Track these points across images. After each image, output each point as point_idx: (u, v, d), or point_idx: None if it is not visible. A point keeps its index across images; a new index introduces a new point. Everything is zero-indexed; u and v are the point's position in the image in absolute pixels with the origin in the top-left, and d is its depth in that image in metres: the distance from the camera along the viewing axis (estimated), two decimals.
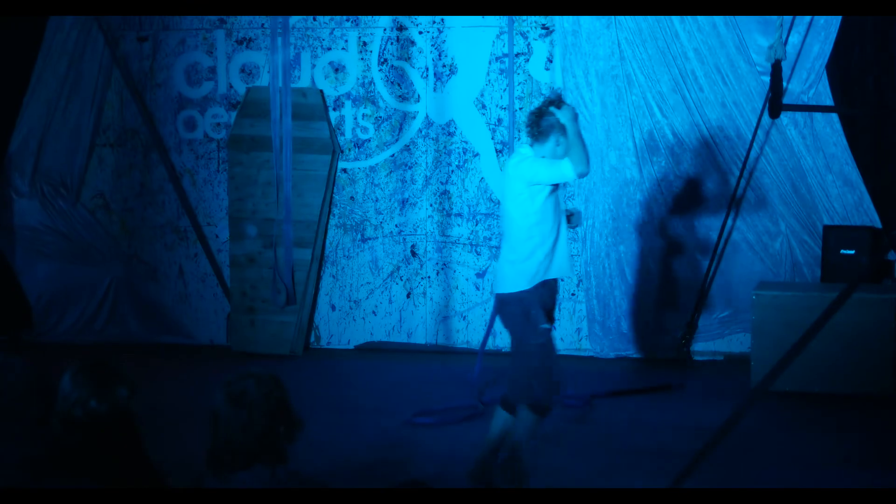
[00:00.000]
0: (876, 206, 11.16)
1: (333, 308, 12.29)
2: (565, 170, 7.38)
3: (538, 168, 7.45)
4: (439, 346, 12.10)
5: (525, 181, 7.46)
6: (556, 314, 9.61)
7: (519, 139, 11.66)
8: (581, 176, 7.47)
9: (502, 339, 11.82)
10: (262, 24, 12.09)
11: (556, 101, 7.58)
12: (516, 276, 7.60)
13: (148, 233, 12.60)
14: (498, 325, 9.50)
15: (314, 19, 12.14)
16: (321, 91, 12.19)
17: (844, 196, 11.27)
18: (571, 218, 7.97)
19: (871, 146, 11.25)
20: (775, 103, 9.24)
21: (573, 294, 11.85)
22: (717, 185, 11.47)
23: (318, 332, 12.32)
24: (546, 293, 7.74)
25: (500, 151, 11.87)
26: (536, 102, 11.63)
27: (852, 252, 10.81)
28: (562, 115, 7.49)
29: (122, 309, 12.63)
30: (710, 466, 7.15)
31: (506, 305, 7.71)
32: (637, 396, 10.33)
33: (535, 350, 7.64)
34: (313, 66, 12.23)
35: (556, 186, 7.57)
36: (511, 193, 7.57)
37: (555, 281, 7.80)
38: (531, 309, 7.61)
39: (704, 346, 11.63)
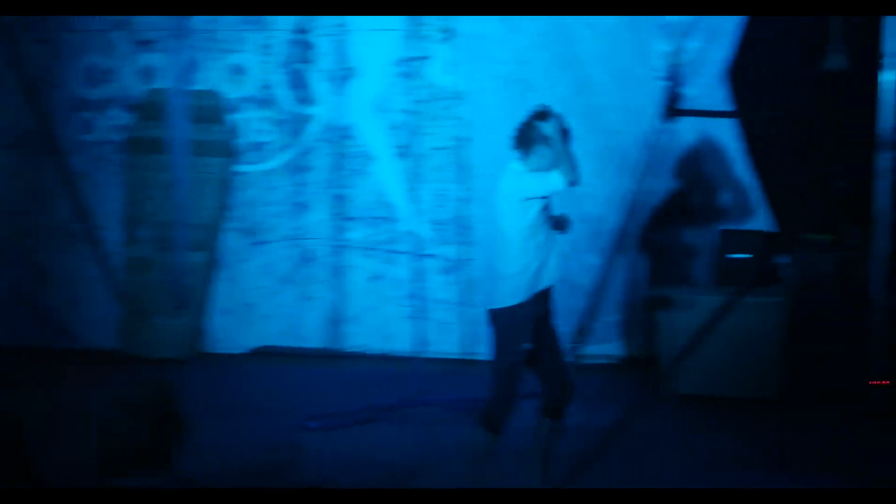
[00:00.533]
0: (771, 211, 11.25)
1: (226, 312, 12.14)
2: (555, 180, 7.51)
3: (528, 182, 7.54)
4: (333, 349, 11.99)
5: (517, 197, 7.52)
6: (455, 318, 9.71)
7: (419, 143, 11.68)
8: (572, 185, 7.55)
9: (400, 343, 11.80)
10: (163, 27, 11.93)
11: (542, 113, 7.62)
12: (512, 291, 7.62)
13: (42, 236, 12.37)
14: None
15: (215, 21, 11.99)
16: (221, 94, 12.04)
17: (740, 200, 11.35)
18: (560, 223, 7.96)
19: (765, 151, 11.33)
20: (672, 109, 9.29)
21: (470, 298, 11.80)
22: (615, 189, 11.49)
23: (211, 336, 12.16)
24: (540, 303, 7.81)
25: (400, 155, 11.81)
26: (437, 106, 11.66)
27: (748, 255, 10.89)
28: (546, 128, 7.55)
29: (14, 313, 12.40)
30: (606, 468, 7.16)
31: (498, 319, 7.67)
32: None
33: (507, 368, 7.70)
34: (213, 68, 12.07)
35: (545, 198, 7.66)
36: (503, 209, 7.59)
37: (547, 289, 7.87)
38: (521, 325, 7.66)
39: (598, 348, 11.64)
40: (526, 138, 7.61)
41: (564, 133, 7.60)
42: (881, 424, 9.47)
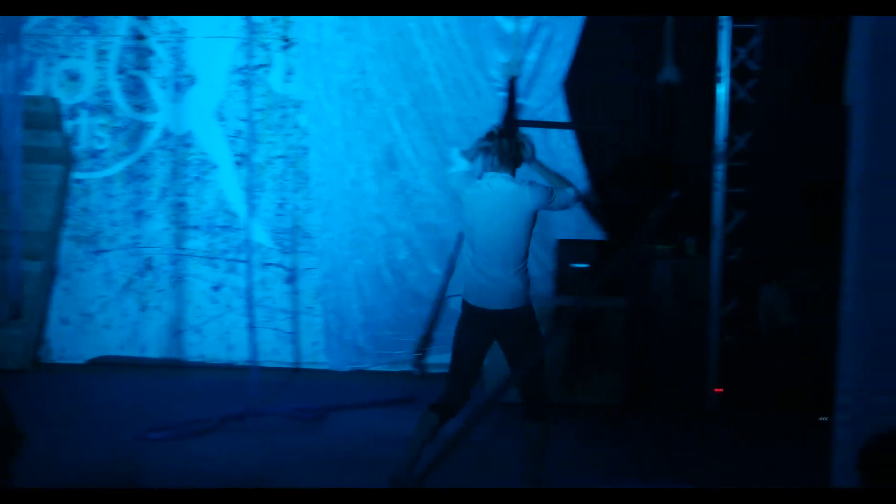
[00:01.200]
0: (608, 220, 11.42)
1: (65, 321, 11.94)
2: (570, 195, 8.17)
3: (551, 197, 8.10)
4: (173, 359, 11.86)
5: (536, 206, 8.03)
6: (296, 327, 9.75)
7: (258, 151, 11.62)
8: (578, 199, 8.36)
9: (241, 353, 11.71)
10: None
11: (521, 142, 8.22)
12: (527, 290, 8.13)
13: None
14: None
15: (50, 26, 11.81)
16: (56, 100, 11.86)
17: (578, 210, 11.51)
18: None
19: (602, 162, 11.50)
20: (510, 119, 9.39)
21: (310, 307, 11.80)
22: (453, 199, 11.55)
23: (50, 346, 11.94)
24: None
25: (239, 164, 11.74)
26: (276, 114, 11.62)
27: (585, 265, 11.04)
28: (526, 153, 8.18)
29: None
30: (446, 476, 7.21)
31: (522, 319, 8.06)
32: (372, 409, 10.35)
33: (541, 361, 8.16)
34: (48, 73, 11.88)
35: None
36: (514, 217, 8.00)
37: None
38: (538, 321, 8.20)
39: (440, 358, 11.66)
40: (512, 158, 8.12)
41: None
42: (716, 428, 9.68)
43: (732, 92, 10.52)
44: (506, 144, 8.13)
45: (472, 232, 8.15)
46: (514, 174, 8.15)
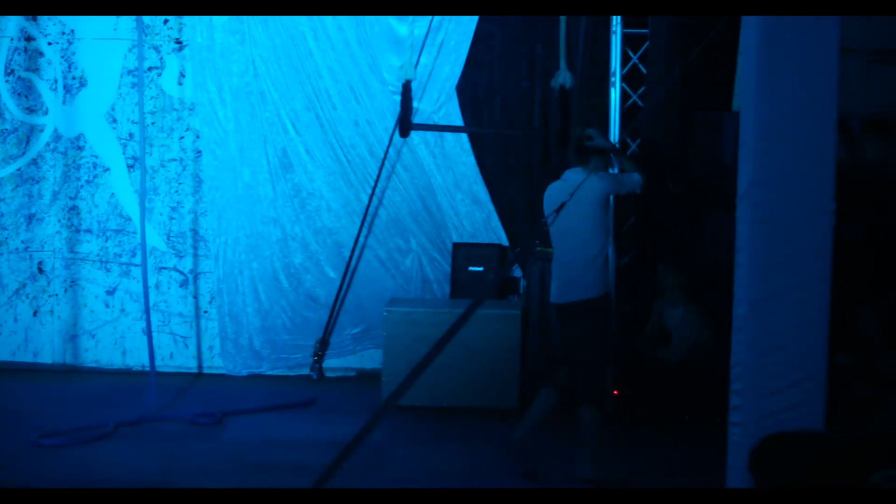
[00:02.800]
0: (502, 224, 11.52)
1: None
2: (636, 180, 8.58)
3: (619, 179, 8.66)
4: (67, 365, 11.76)
5: (604, 194, 8.46)
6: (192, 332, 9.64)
7: (151, 154, 11.55)
8: (644, 185, 8.68)
9: (138, 357, 11.64)
10: None
11: (588, 135, 8.57)
12: (604, 280, 8.52)
13: None
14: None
15: None
16: None
17: (473, 214, 11.59)
18: None
19: (497, 165, 11.58)
20: (405, 122, 9.43)
21: (206, 311, 11.76)
22: (349, 202, 11.60)
23: None
24: None
25: (132, 166, 11.67)
26: (169, 117, 11.56)
27: (480, 269, 11.12)
28: (597, 143, 8.57)
29: None
30: (344, 480, 7.21)
31: (591, 309, 8.43)
32: (270, 413, 10.33)
33: (603, 352, 8.54)
34: None
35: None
36: (585, 209, 8.38)
37: None
38: (607, 313, 8.65)
39: (337, 362, 11.72)
40: (582, 153, 8.57)
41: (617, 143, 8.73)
42: (613, 430, 9.77)
43: (624, 96, 10.65)
44: (574, 146, 8.65)
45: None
46: (585, 166, 8.59)
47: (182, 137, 11.73)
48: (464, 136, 11.57)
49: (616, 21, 10.70)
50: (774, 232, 6.91)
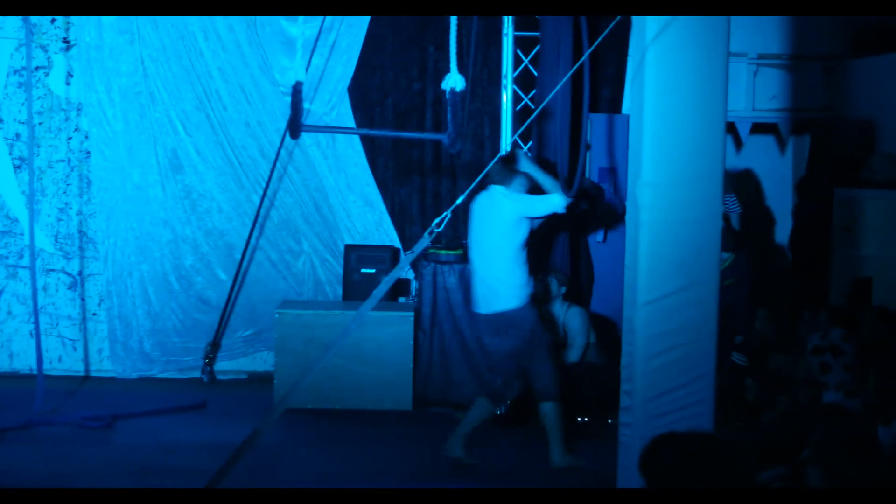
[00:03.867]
0: (394, 226, 11.54)
1: None
2: (557, 202, 8.68)
3: (535, 203, 8.73)
4: None
5: (519, 215, 8.66)
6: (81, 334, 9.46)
7: (38, 155, 11.41)
8: (568, 206, 8.79)
9: (25, 360, 11.50)
10: None
11: (511, 156, 8.77)
12: (518, 294, 8.69)
13: None
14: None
15: None
16: None
17: (365, 215, 11.60)
18: None
19: (389, 167, 11.59)
20: (295, 124, 9.39)
21: (94, 314, 11.64)
22: (241, 203, 11.54)
23: None
24: None
25: (18, 167, 11.51)
26: (57, 117, 11.41)
27: (372, 270, 11.13)
28: (521, 165, 8.85)
29: None
30: (235, 483, 7.19)
31: (512, 319, 8.69)
32: (161, 417, 10.24)
33: (547, 352, 8.83)
34: None
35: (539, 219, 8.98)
36: (503, 225, 8.69)
37: None
38: (535, 318, 8.81)
39: (229, 364, 11.67)
40: (505, 173, 8.81)
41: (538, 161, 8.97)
42: (507, 431, 9.83)
43: (516, 99, 10.71)
44: (496, 166, 8.75)
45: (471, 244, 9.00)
46: (508, 186, 8.83)
47: (70, 138, 11.60)
48: (356, 138, 11.58)
49: (508, 23, 10.73)
50: (663, 234, 7.00)
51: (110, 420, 9.96)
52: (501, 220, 8.70)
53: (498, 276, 8.71)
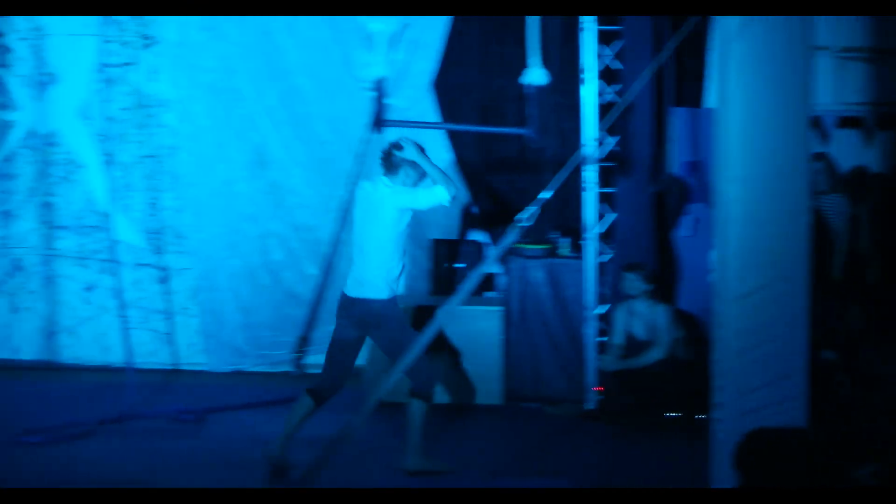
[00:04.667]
0: (481, 221, 11.58)
1: None
2: (440, 195, 8.55)
3: (417, 196, 8.62)
4: (47, 361, 11.77)
5: (400, 206, 8.57)
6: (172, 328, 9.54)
7: (126, 150, 11.58)
8: (454, 197, 8.65)
9: (117, 354, 11.68)
10: None
11: (397, 145, 8.69)
12: (391, 284, 8.64)
13: None
14: None
15: None
16: None
17: (451, 211, 11.65)
18: None
19: (474, 162, 11.64)
20: (379, 119, 9.49)
21: (185, 308, 11.78)
22: (327, 199, 11.61)
23: None
24: None
25: (107, 163, 11.67)
26: (143, 114, 11.56)
27: (460, 265, 11.18)
28: (407, 154, 8.63)
29: None
30: (329, 475, 7.29)
31: (384, 309, 8.62)
32: (252, 410, 10.37)
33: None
34: None
35: (419, 211, 8.82)
36: (380, 216, 8.60)
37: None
38: (403, 311, 8.84)
39: (319, 358, 11.64)
40: (389, 161, 8.70)
41: (423, 151, 8.70)
42: (595, 426, 9.86)
43: (599, 93, 10.71)
44: (382, 155, 8.72)
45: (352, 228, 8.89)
46: (387, 176, 8.71)
47: (156, 134, 11.74)
48: (440, 133, 11.60)
49: (590, 17, 10.75)
50: (751, 228, 7.00)
51: (202, 413, 10.09)
52: (381, 210, 8.60)
53: (371, 264, 8.61)
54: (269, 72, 11.58)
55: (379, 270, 8.57)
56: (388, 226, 8.57)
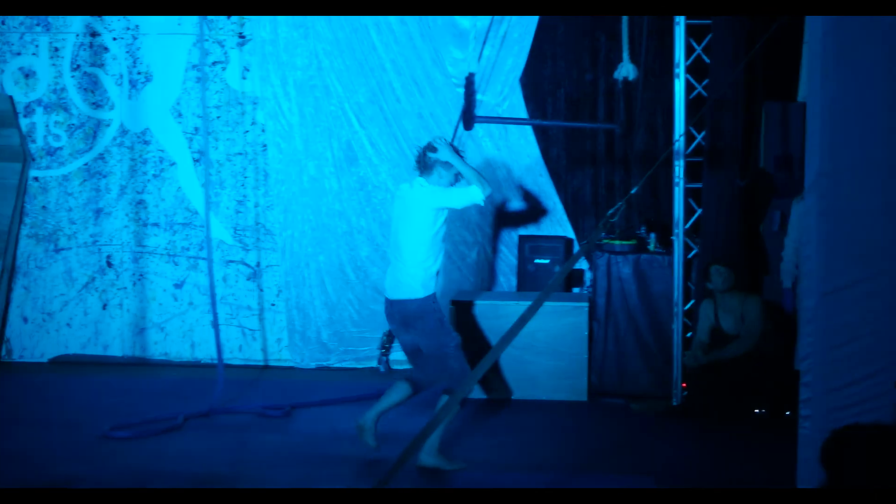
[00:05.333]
0: (568, 216, 11.51)
1: (25, 320, 11.94)
2: (474, 194, 8.53)
3: (452, 195, 8.59)
4: (137, 358, 11.88)
5: (435, 206, 8.53)
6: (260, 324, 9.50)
7: (217, 148, 11.65)
8: (488, 197, 8.65)
9: (202, 350, 11.76)
10: None
11: (430, 146, 8.64)
12: (425, 283, 8.58)
13: None
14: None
15: (2, 23, 11.80)
16: (10, 97, 11.86)
17: (539, 206, 11.59)
18: None
19: (562, 157, 11.58)
20: (468, 115, 9.45)
21: (273, 304, 11.83)
22: None
23: (10, 346, 11.95)
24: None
25: (198, 161, 11.75)
26: (234, 111, 11.63)
27: (546, 261, 11.13)
28: (441, 155, 8.56)
29: None
30: (411, 470, 7.27)
31: (420, 309, 8.59)
32: (338, 406, 10.37)
33: (453, 352, 8.63)
34: (2, 71, 11.89)
35: (456, 210, 8.90)
36: (416, 216, 8.57)
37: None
38: (442, 312, 8.73)
39: (403, 355, 11.73)
40: (424, 162, 8.66)
41: (457, 152, 8.64)
42: (681, 423, 9.76)
43: (689, 88, 10.60)
44: (418, 156, 8.74)
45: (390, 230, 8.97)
46: (423, 176, 8.67)
47: (247, 132, 11.80)
48: (528, 129, 11.57)
49: None
50: (842, 223, 6.87)
51: (288, 409, 10.11)
52: (416, 210, 8.56)
53: (406, 265, 8.58)
54: (359, 68, 11.60)
55: (414, 270, 8.54)
56: (423, 226, 8.54)
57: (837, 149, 6.86)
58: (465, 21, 11.43)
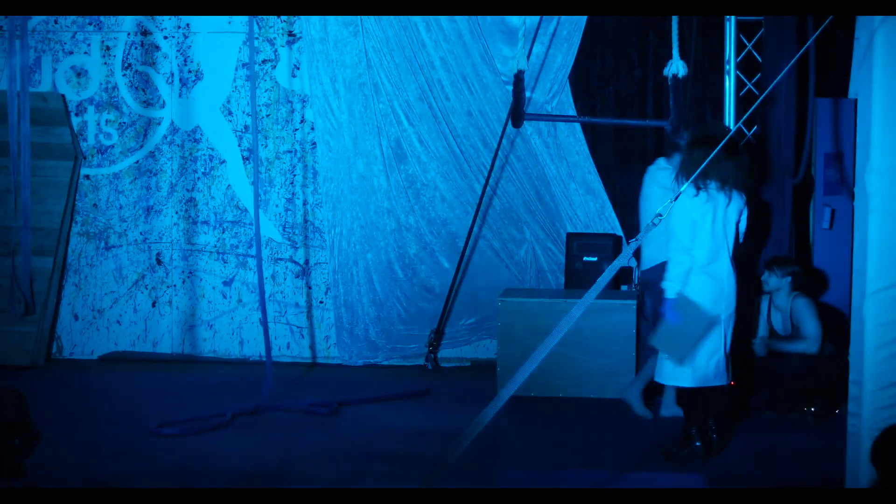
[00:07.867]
0: (616, 214, 11.47)
1: (76, 318, 12.01)
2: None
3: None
4: (185, 355, 11.93)
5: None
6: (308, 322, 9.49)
7: (266, 146, 11.66)
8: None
9: (250, 348, 11.80)
10: (0, 26, 11.74)
11: (675, 130, 9.15)
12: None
13: None
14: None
15: (55, 22, 11.88)
16: (63, 96, 11.93)
17: (587, 204, 11.55)
18: None
19: (611, 155, 11.54)
20: (518, 113, 9.42)
21: (321, 302, 11.85)
22: (463, 192, 11.61)
23: (61, 343, 12.02)
24: None
25: (247, 158, 11.79)
26: (283, 109, 11.65)
27: (594, 259, 11.08)
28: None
29: None
30: (458, 468, 7.24)
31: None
32: (385, 403, 10.37)
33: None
34: (54, 70, 11.95)
35: None
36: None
37: None
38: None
39: (452, 352, 11.76)
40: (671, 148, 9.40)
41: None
42: (727, 421, 9.70)
43: (739, 85, 10.54)
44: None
45: None
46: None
47: (296, 129, 11.83)
48: (577, 126, 11.54)
49: None
50: (893, 221, 6.81)
51: (336, 406, 10.11)
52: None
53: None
54: (408, 66, 11.60)
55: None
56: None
57: (889, 145, 6.81)
58: (514, 19, 11.41)
